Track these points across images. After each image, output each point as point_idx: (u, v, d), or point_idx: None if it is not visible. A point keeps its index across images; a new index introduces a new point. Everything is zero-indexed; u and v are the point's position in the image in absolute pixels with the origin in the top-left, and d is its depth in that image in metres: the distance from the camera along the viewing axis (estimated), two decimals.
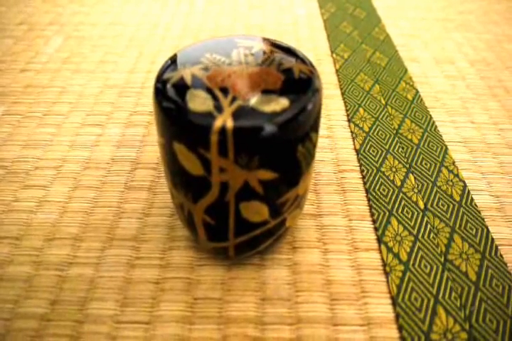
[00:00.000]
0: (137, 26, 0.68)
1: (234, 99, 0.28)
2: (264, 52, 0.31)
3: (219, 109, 0.27)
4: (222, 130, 0.26)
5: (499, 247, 0.38)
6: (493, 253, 0.37)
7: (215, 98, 0.28)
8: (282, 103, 0.28)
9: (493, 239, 0.38)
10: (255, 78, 0.29)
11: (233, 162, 0.27)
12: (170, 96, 0.28)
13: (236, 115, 0.27)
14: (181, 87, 0.28)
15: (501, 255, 0.37)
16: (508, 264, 0.37)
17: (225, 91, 0.28)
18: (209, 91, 0.28)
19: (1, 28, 0.67)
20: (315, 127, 0.30)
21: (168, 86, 0.29)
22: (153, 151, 0.46)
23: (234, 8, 0.73)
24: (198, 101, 0.27)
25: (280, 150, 0.28)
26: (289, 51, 0.32)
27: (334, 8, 0.72)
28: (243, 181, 0.28)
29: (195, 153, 0.28)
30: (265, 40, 0.33)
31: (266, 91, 0.28)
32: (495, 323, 0.33)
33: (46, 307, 0.33)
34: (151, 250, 0.37)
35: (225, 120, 0.26)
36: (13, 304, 0.34)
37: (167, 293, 0.34)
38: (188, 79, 0.29)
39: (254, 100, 0.28)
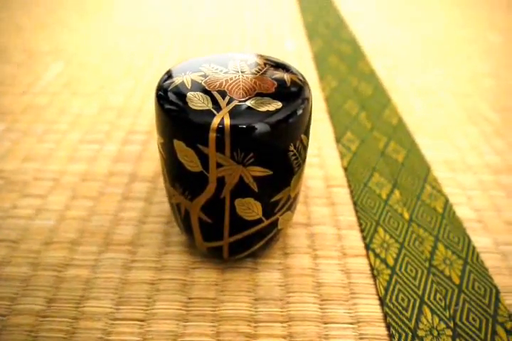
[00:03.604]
0: (133, 55, 0.71)
1: (231, 100, 0.30)
2: (258, 64, 0.34)
3: (217, 108, 0.29)
4: (220, 127, 0.29)
5: (480, 254, 0.40)
6: (474, 259, 0.39)
7: (213, 99, 0.30)
8: (276, 104, 0.30)
9: (474, 247, 0.40)
10: (250, 84, 0.32)
11: (229, 157, 0.29)
12: (171, 99, 0.30)
13: (233, 114, 0.29)
14: (182, 91, 0.31)
15: (482, 261, 0.39)
16: (489, 269, 0.38)
17: (222, 93, 0.31)
18: (207, 93, 0.31)
19: (1, 55, 0.70)
20: (305, 131, 0.32)
21: (170, 90, 0.31)
22: (149, 166, 0.48)
23: (227, 44, 0.77)
24: (198, 102, 0.30)
25: (273, 148, 0.30)
26: (280, 64, 0.35)
27: (322, 43, 0.77)
28: (238, 177, 0.30)
29: (194, 150, 0.30)
30: (259, 55, 0.36)
31: (260, 95, 0.31)
32: (478, 321, 0.34)
33: (43, 304, 0.34)
34: (146, 254, 0.38)
35: (222, 118, 0.29)
36: (10, 301, 0.34)
37: (162, 293, 0.35)
38: (188, 84, 0.32)
39: (249, 101, 0.30)
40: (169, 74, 0.33)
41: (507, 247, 0.40)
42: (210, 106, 0.29)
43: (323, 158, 0.50)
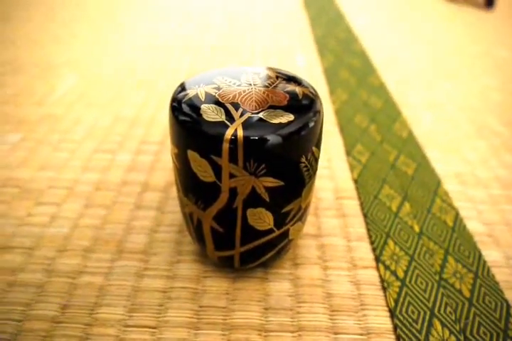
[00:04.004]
0: (145, 69, 0.73)
1: (244, 112, 0.31)
2: (271, 77, 0.35)
3: (230, 120, 0.30)
4: (234, 138, 0.29)
5: (491, 268, 0.40)
6: (485, 273, 0.39)
7: (226, 111, 0.31)
8: (288, 117, 0.31)
9: (485, 261, 0.40)
10: (263, 96, 0.32)
11: (242, 168, 0.30)
12: (186, 110, 0.31)
13: (246, 125, 0.30)
14: (196, 102, 0.32)
15: (493, 275, 0.39)
16: (500, 283, 0.38)
17: (235, 105, 0.31)
18: (221, 105, 0.31)
19: (19, 67, 0.72)
20: (317, 143, 0.33)
21: (184, 101, 0.32)
22: (162, 176, 0.49)
23: (238, 60, 0.79)
24: (211, 114, 0.31)
25: (285, 160, 0.31)
26: (292, 77, 0.35)
27: (332, 57, 0.78)
28: (251, 187, 0.31)
29: (207, 160, 0.30)
30: (271, 68, 0.37)
31: (273, 107, 0.31)
32: (488, 335, 0.34)
33: (57, 310, 0.35)
34: (158, 262, 0.39)
35: (236, 129, 0.29)
36: (25, 307, 0.35)
37: (174, 301, 0.36)
38: (202, 96, 0.32)
39: (262, 113, 0.31)
40: (183, 87, 0.34)
41: None
42: (223, 117, 0.30)
43: (333, 170, 0.51)
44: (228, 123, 0.30)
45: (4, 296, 0.36)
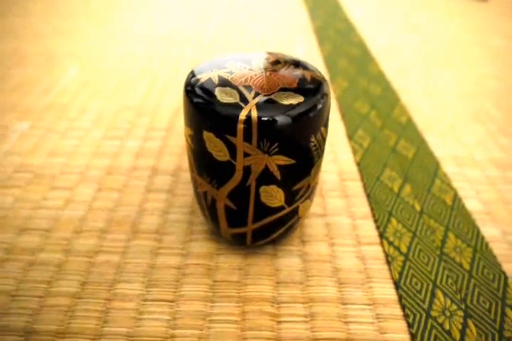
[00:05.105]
0: (147, 59, 0.74)
1: (256, 94, 0.32)
2: (279, 62, 0.37)
3: (244, 101, 0.32)
4: (248, 119, 0.31)
5: (489, 243, 0.42)
6: (484, 248, 0.41)
7: (240, 93, 0.32)
8: (298, 98, 0.32)
9: (483, 237, 0.42)
10: (273, 79, 0.34)
11: (256, 147, 0.32)
12: (201, 93, 0.33)
13: (259, 107, 0.31)
14: (210, 86, 0.33)
15: (491, 249, 0.41)
16: (498, 257, 0.40)
17: (248, 88, 0.33)
18: (234, 88, 0.33)
19: (22, 58, 0.73)
20: (325, 123, 0.35)
21: (198, 85, 0.33)
22: (171, 160, 0.50)
23: (238, 50, 0.80)
24: (226, 96, 0.32)
25: (296, 139, 0.32)
26: (299, 62, 0.37)
27: (331, 47, 0.79)
28: (264, 165, 0.33)
29: (222, 140, 0.32)
30: (279, 53, 0.38)
31: (283, 89, 0.33)
32: (488, 304, 0.36)
33: (77, 287, 0.36)
34: (172, 241, 0.40)
35: (250, 110, 0.31)
36: (47, 284, 0.36)
37: (189, 277, 0.37)
38: (215, 80, 0.34)
39: (273, 95, 0.32)
40: (195, 72, 0.35)
41: None
42: (237, 99, 0.32)
43: (336, 154, 0.53)
44: (242, 104, 0.31)
45: (26, 275, 0.37)
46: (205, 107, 0.32)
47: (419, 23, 0.92)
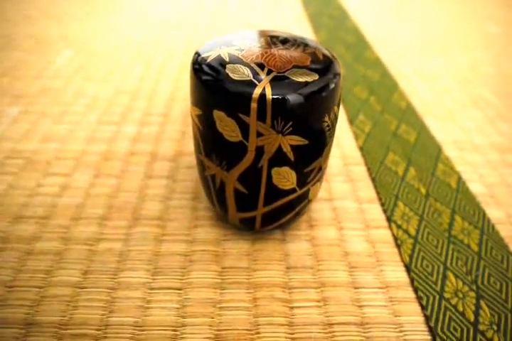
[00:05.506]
0: (141, 43, 0.72)
1: (270, 72, 0.31)
2: (289, 40, 0.35)
3: (258, 78, 0.30)
4: (262, 97, 0.30)
5: (495, 225, 0.41)
6: (490, 230, 0.41)
7: (252, 70, 0.31)
8: (313, 76, 0.31)
9: (489, 219, 0.42)
10: (286, 57, 0.33)
11: (270, 126, 0.30)
12: (211, 71, 0.31)
13: (273, 84, 0.30)
14: (221, 63, 0.32)
15: (497, 231, 0.41)
16: (505, 238, 0.40)
17: (260, 65, 0.31)
18: (246, 65, 0.31)
19: (13, 42, 0.70)
20: (337, 103, 0.33)
21: (207, 63, 0.32)
22: (169, 146, 0.49)
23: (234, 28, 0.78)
24: (238, 73, 0.31)
25: (310, 118, 0.31)
26: (308, 40, 0.36)
27: (327, 33, 0.78)
28: (277, 145, 0.31)
29: (234, 119, 0.31)
30: (287, 32, 0.37)
31: (297, 67, 0.32)
32: (498, 284, 0.36)
33: (79, 276, 0.35)
34: (176, 228, 0.39)
35: (264, 88, 0.30)
36: (46, 274, 0.35)
37: (196, 264, 0.36)
38: (226, 57, 0.32)
39: (287, 72, 0.31)
40: (202, 51, 0.34)
41: None
42: (250, 76, 0.30)
43: (339, 139, 0.52)
44: (256, 81, 0.30)
45: (23, 264, 0.36)
46: (216, 85, 0.30)
47: (415, 10, 0.92)
